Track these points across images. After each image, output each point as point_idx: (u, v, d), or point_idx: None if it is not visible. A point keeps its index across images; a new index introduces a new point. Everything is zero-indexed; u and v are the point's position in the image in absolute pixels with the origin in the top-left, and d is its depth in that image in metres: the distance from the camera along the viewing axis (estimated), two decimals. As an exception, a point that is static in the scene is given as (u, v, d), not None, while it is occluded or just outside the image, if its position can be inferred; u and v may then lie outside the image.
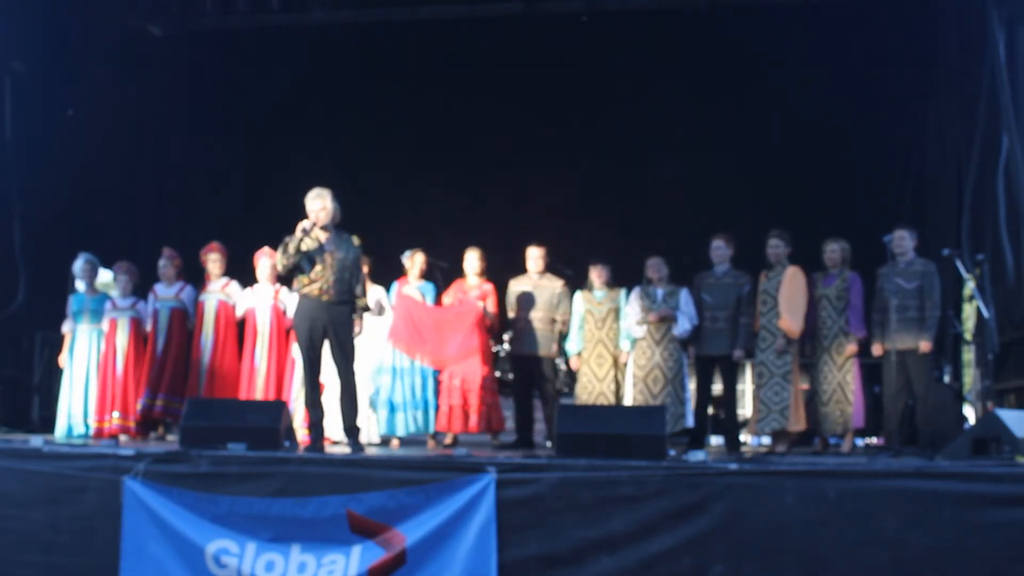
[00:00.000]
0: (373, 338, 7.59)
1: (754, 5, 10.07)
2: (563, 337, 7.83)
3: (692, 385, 7.62)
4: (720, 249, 7.40)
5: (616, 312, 7.67)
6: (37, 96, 9.24)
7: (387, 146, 10.62)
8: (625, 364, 7.63)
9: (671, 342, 7.44)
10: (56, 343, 8.41)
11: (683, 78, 10.23)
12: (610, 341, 7.65)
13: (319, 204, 6.33)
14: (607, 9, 10.27)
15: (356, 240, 6.53)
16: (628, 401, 7.54)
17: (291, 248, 6.27)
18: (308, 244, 6.31)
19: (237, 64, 10.70)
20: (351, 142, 10.60)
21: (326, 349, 6.41)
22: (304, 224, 6.29)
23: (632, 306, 7.56)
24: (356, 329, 6.50)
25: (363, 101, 10.71)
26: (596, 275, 7.72)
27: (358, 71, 10.71)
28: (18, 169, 8.92)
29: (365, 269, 7.61)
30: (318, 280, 6.32)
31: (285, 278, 7.00)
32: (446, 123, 10.56)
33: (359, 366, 6.85)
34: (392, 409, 7.61)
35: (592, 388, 7.64)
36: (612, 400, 7.56)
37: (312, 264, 6.31)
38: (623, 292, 7.71)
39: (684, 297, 7.43)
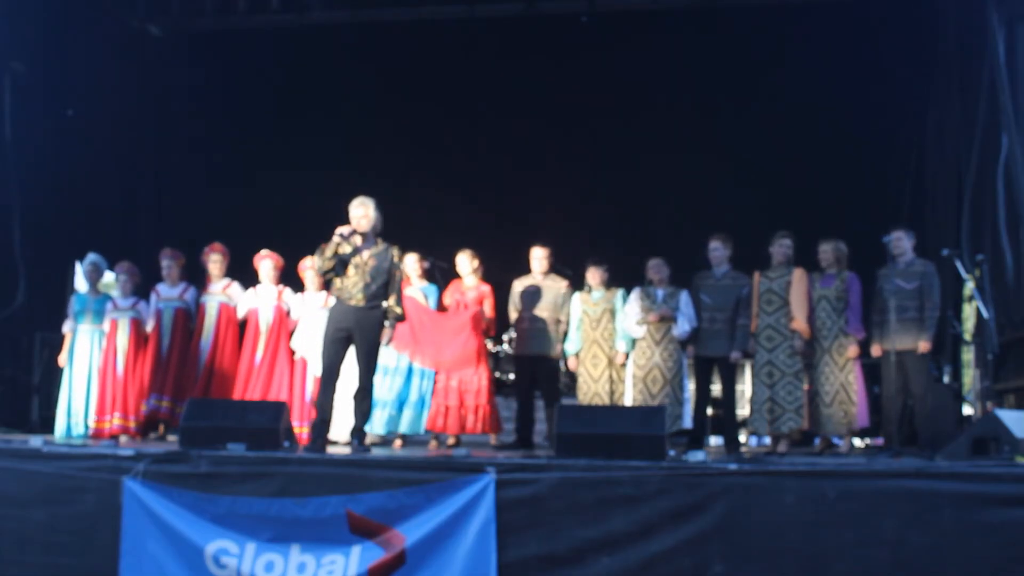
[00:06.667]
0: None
1: (754, 5, 10.07)
2: (566, 337, 7.83)
3: (691, 385, 7.61)
4: (717, 250, 7.40)
5: (612, 313, 7.66)
6: (37, 96, 9.24)
7: (387, 146, 10.61)
8: (622, 365, 7.64)
9: (671, 343, 7.44)
10: (56, 343, 8.41)
11: (683, 78, 10.23)
12: (605, 342, 7.64)
13: (361, 211, 6.47)
14: (607, 9, 10.27)
15: (396, 251, 6.58)
16: (628, 401, 7.54)
17: (327, 252, 6.40)
18: (344, 249, 6.41)
19: (237, 64, 10.69)
20: (350, 142, 10.59)
21: (350, 354, 6.47)
22: (342, 229, 6.39)
23: (632, 306, 7.56)
24: (384, 337, 6.51)
25: (362, 101, 10.70)
26: (593, 275, 7.72)
27: (357, 71, 10.70)
28: (18, 169, 8.92)
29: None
30: (349, 285, 6.41)
31: (325, 283, 7.03)
32: (446, 123, 10.56)
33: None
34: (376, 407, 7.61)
35: (587, 388, 7.64)
36: (607, 400, 7.55)
37: (346, 269, 6.42)
38: (620, 293, 7.70)
39: (684, 298, 7.43)
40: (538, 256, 7.85)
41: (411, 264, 7.80)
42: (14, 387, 8.94)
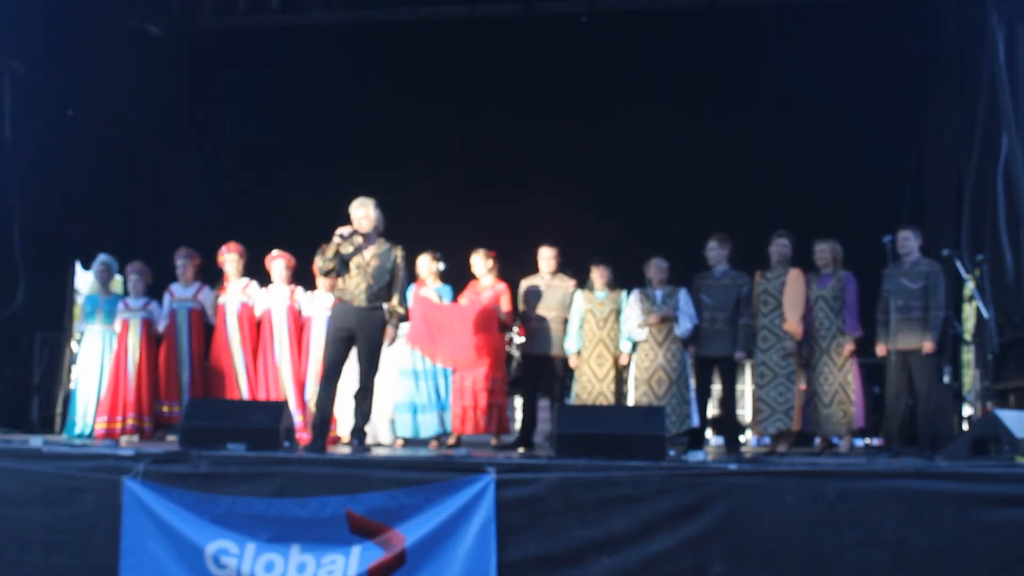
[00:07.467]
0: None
1: (754, 5, 10.07)
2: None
3: (693, 384, 7.61)
4: (715, 250, 7.40)
5: (617, 313, 7.65)
6: (37, 96, 9.24)
7: (387, 146, 10.59)
8: (625, 365, 7.63)
9: (674, 343, 7.43)
10: (55, 343, 8.39)
11: (683, 78, 10.22)
12: (611, 341, 7.63)
13: (361, 212, 6.50)
14: (607, 9, 10.27)
15: (399, 251, 6.60)
16: (631, 402, 7.53)
17: (328, 252, 6.41)
18: (345, 249, 6.42)
19: (237, 64, 10.69)
20: (351, 143, 10.58)
21: (352, 354, 6.47)
22: (342, 230, 6.39)
23: (632, 309, 7.55)
24: (387, 338, 6.52)
25: (363, 101, 10.69)
26: (598, 275, 7.71)
27: (358, 71, 10.69)
28: (18, 169, 8.91)
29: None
30: (351, 285, 6.43)
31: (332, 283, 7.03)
32: (446, 123, 10.54)
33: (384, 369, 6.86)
34: (415, 411, 7.63)
35: (592, 388, 7.63)
36: (612, 400, 7.55)
37: (347, 269, 6.43)
38: (624, 293, 7.70)
39: (683, 297, 7.43)
40: (546, 256, 7.85)
41: (425, 265, 7.80)
42: (14, 387, 8.93)
